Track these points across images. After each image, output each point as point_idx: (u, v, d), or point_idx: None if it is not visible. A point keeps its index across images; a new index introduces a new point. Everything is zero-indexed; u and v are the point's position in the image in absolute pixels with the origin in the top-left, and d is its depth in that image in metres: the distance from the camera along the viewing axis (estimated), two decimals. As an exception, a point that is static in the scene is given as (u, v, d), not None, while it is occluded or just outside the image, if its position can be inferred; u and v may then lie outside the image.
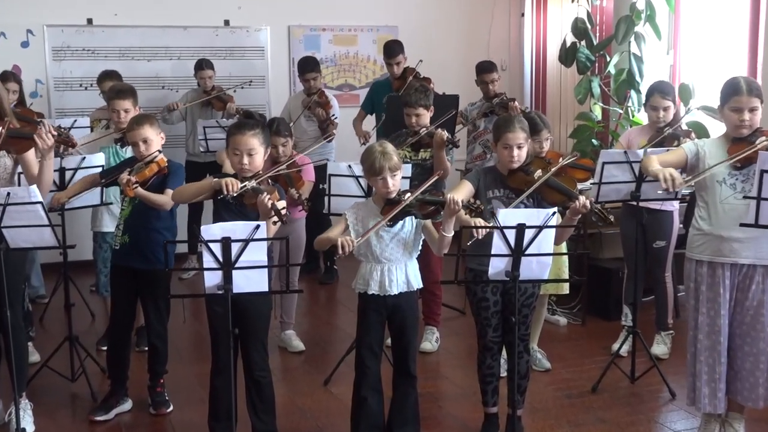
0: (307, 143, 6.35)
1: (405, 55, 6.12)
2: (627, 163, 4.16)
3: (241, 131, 3.41)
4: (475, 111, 5.98)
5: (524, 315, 3.59)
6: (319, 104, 6.19)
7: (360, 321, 3.46)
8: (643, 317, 4.81)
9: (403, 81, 6.01)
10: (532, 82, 7.75)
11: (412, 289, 3.42)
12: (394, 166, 3.29)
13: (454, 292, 5.79)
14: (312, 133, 6.36)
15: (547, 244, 3.19)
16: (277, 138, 4.51)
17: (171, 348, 4.17)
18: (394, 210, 3.24)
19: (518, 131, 3.52)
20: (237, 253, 3.01)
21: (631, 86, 6.19)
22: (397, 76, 6.10)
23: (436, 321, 5.02)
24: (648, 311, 5.09)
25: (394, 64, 6.07)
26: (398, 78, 6.09)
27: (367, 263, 3.40)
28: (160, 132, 3.94)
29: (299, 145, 6.30)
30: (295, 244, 4.73)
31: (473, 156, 6.07)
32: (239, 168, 3.42)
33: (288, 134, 4.60)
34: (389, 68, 6.14)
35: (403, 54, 6.11)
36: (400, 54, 6.09)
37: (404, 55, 6.12)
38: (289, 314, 5.00)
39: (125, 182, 3.70)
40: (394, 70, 6.10)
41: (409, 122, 4.59)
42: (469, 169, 5.99)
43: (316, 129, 6.31)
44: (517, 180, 3.56)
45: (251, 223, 3.06)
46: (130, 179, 3.71)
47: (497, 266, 3.20)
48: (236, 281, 3.05)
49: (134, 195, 3.75)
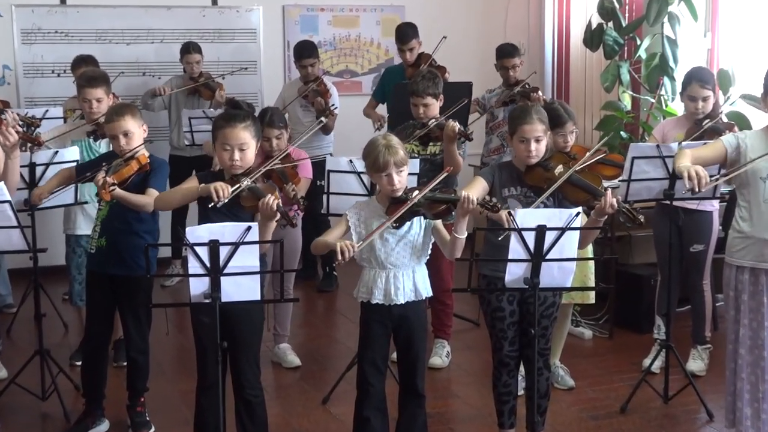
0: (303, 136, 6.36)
1: (419, 39, 6.11)
2: (659, 158, 4.15)
3: (230, 124, 3.40)
4: (494, 99, 5.97)
5: (544, 327, 3.59)
6: (318, 93, 6.18)
7: (362, 333, 3.46)
8: (677, 330, 4.81)
9: (418, 68, 5.98)
10: (554, 67, 7.74)
11: (421, 297, 3.43)
12: (400, 161, 3.30)
13: (466, 302, 5.79)
14: (309, 125, 6.34)
15: (571, 248, 3.19)
16: (271, 130, 4.51)
17: (152, 363, 4.17)
18: (401, 210, 3.25)
19: (536, 123, 3.52)
20: (226, 257, 3.01)
21: (664, 73, 6.19)
22: (411, 63, 6.08)
23: (447, 333, 5.02)
24: (683, 323, 5.09)
25: (407, 50, 6.06)
26: (412, 65, 6.07)
27: (371, 269, 3.40)
28: (143, 124, 3.94)
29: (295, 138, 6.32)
30: (291, 248, 4.73)
31: (490, 149, 6.07)
32: (230, 165, 3.41)
33: (283, 126, 4.60)
34: (402, 55, 6.13)
35: (418, 39, 6.10)
36: (413, 39, 6.07)
37: (419, 39, 6.10)
38: (284, 326, 5.01)
39: (101, 184, 3.68)
40: (407, 56, 6.08)
41: (416, 113, 4.59)
42: (485, 164, 6.00)
43: (313, 120, 6.29)
44: (536, 177, 3.56)
45: (242, 224, 3.06)
46: (107, 180, 3.69)
47: (515, 272, 3.20)
48: (225, 289, 3.05)
49: (109, 198, 3.73)
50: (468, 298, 5.75)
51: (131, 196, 3.78)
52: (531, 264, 3.18)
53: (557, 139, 3.93)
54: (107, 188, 3.67)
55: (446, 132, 4.38)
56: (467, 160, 4.82)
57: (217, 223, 3.09)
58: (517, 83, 5.87)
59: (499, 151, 5.95)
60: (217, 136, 3.45)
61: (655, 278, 5.07)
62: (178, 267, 6.69)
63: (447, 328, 5.02)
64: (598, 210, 3.42)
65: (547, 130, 3.59)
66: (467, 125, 4.94)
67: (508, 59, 5.91)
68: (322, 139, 6.38)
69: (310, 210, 4.46)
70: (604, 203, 3.38)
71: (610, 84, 6.42)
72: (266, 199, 3.23)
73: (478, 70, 7.05)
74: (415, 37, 6.08)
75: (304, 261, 6.63)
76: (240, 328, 3.41)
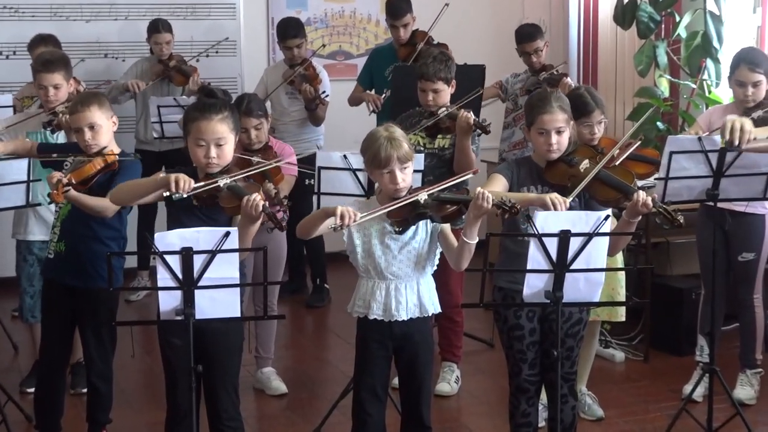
0: (288, 127, 6.37)
1: (414, 14, 6.13)
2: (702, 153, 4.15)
3: (205, 115, 3.41)
4: (518, 85, 5.98)
5: (569, 348, 3.60)
6: (306, 78, 6.18)
7: (358, 355, 3.46)
8: (723, 351, 4.80)
9: (412, 48, 6.01)
10: (579, 48, 7.75)
11: (426, 314, 3.44)
12: (405, 155, 3.31)
13: (479, 319, 5.79)
14: (295, 114, 6.38)
15: (599, 257, 3.20)
16: (249, 119, 4.52)
17: (116, 390, 4.17)
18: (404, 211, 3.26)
19: (556, 111, 3.54)
20: (201, 268, 3.02)
21: (707, 54, 6.19)
22: (404, 42, 6.10)
23: (457, 356, 5.03)
24: (730, 343, 5.09)
25: (401, 27, 6.07)
26: (405, 44, 6.08)
27: (368, 280, 3.41)
28: (112, 115, 3.95)
29: (279, 129, 6.33)
30: (275, 257, 4.74)
31: (512, 143, 6.06)
32: (205, 163, 3.43)
33: (262, 114, 4.61)
34: (394, 32, 6.13)
35: (412, 13, 6.11)
36: (408, 14, 6.08)
37: (413, 14, 6.12)
38: (267, 347, 5.01)
39: (55, 183, 3.68)
40: (400, 34, 6.09)
41: (423, 100, 4.58)
42: (503, 159, 5.98)
43: (300, 109, 6.32)
44: (558, 174, 3.57)
45: (219, 229, 3.07)
46: (62, 180, 3.68)
47: (534, 285, 3.21)
48: (199, 304, 3.06)
49: (62, 201, 3.72)
50: (481, 315, 5.75)
51: (87, 198, 3.78)
52: (553, 275, 3.18)
53: (582, 130, 3.93)
54: (60, 189, 3.66)
55: (459, 124, 4.38)
56: (480, 155, 4.82)
57: (190, 228, 3.10)
58: (544, 69, 5.86)
59: (521, 146, 5.95)
60: (189, 130, 3.45)
61: (697, 291, 5.07)
62: (145, 279, 6.69)
63: (456, 349, 5.02)
64: (631, 210, 3.43)
65: (569, 120, 3.60)
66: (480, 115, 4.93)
67: (529, 43, 5.91)
68: (312, 131, 6.38)
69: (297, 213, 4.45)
70: (636, 201, 3.39)
71: (644, 67, 6.42)
72: (251, 197, 3.23)
73: (490, 51, 7.04)
74: (410, 11, 6.07)
75: (291, 272, 6.65)
76: (216, 350, 3.42)
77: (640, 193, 3.42)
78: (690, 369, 4.91)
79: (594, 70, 7.59)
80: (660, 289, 5.51)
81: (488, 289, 3.29)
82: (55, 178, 3.70)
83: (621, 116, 7.15)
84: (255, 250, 3.32)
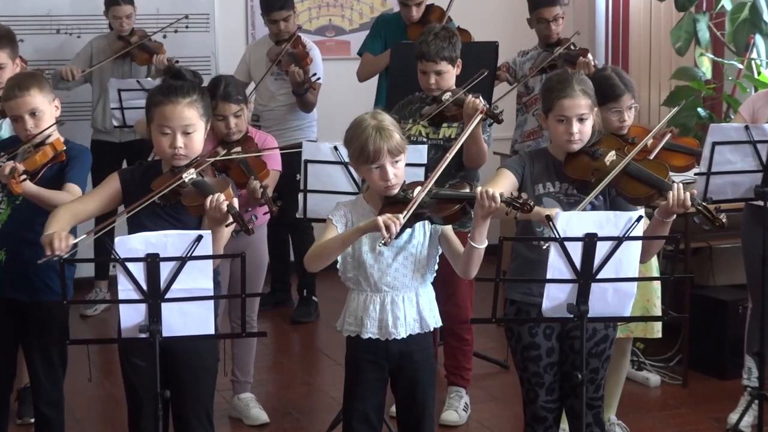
0: (275, 114, 6.36)
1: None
2: (749, 144, 4.16)
3: (171, 99, 3.41)
4: (528, 64, 5.96)
5: (594, 369, 3.60)
6: (294, 58, 6.14)
7: (349, 378, 3.46)
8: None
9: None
10: (608, 22, 7.75)
11: (428, 329, 3.44)
12: (396, 147, 3.32)
13: (491, 336, 5.79)
14: (283, 99, 6.35)
15: (630, 264, 3.20)
16: (227, 105, 4.53)
17: (69, 420, 4.19)
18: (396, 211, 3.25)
19: (578, 96, 3.54)
20: (169, 277, 3.02)
21: (755, 29, 6.19)
22: (416, 20, 6.04)
23: (465, 379, 5.02)
24: (782, 365, 5.10)
25: (413, 6, 6.02)
26: (417, 22, 5.99)
27: (360, 292, 3.42)
28: (54, 99, 3.96)
29: (264, 117, 6.33)
30: (254, 264, 4.73)
31: (524, 132, 6.06)
32: (170, 154, 3.42)
33: (242, 99, 4.62)
34: (405, 11, 6.05)
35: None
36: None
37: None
38: (246, 369, 5.01)
39: (8, 173, 3.68)
40: (412, 13, 6.00)
41: (425, 83, 4.59)
42: (516, 152, 5.95)
43: (288, 93, 6.29)
44: (580, 168, 3.57)
45: (189, 232, 3.06)
46: (17, 168, 3.69)
47: (555, 297, 3.21)
48: (167, 319, 3.05)
49: (21, 192, 3.73)
50: (493, 332, 5.75)
51: (47, 192, 3.79)
52: (577, 285, 3.18)
53: (610, 117, 3.94)
54: (17, 178, 3.67)
55: (466, 111, 4.37)
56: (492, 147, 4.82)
57: (155, 231, 3.10)
58: (559, 43, 5.84)
59: (536, 135, 5.94)
60: (153, 116, 3.46)
61: (744, 305, 5.07)
62: (104, 290, 6.67)
63: (465, 371, 5.01)
64: (665, 208, 3.43)
65: (593, 106, 3.60)
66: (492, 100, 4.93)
67: (546, 8, 5.87)
68: (302, 117, 6.36)
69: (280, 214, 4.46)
70: (672, 199, 3.40)
71: (683, 44, 6.41)
72: (213, 196, 3.24)
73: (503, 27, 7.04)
74: None
75: (274, 282, 6.66)
76: (187, 373, 3.42)
77: (675, 188, 3.42)
78: (736, 394, 4.91)
79: (624, 48, 7.59)
80: (701, 301, 5.50)
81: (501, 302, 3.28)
82: (8, 167, 3.70)
83: (655, 101, 7.17)
84: (232, 256, 3.32)
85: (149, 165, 3.58)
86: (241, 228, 3.31)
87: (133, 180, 3.50)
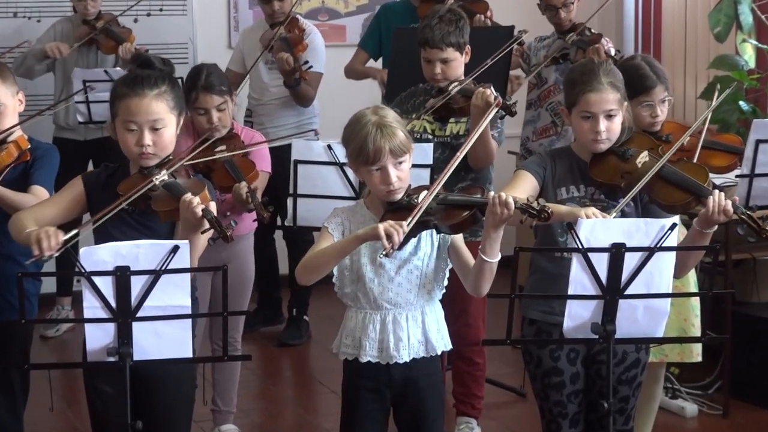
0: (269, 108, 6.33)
1: None
2: (798, 142, 4.17)
3: (137, 91, 3.41)
4: (543, 52, 5.97)
5: (623, 398, 3.60)
6: (287, 42, 6.09)
7: (346, 408, 3.46)
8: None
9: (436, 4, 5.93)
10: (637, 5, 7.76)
11: (435, 352, 3.44)
12: (399, 147, 3.31)
13: (506, 361, 5.78)
14: (277, 91, 6.32)
15: (663, 278, 3.20)
16: (209, 97, 4.55)
17: (29, 453, 4.17)
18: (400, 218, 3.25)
19: (606, 89, 3.54)
20: (141, 292, 3.01)
21: (806, 12, 6.21)
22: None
23: (477, 409, 5.02)
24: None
25: None
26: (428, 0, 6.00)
27: (358, 310, 3.42)
28: (18, 91, 3.97)
29: (257, 112, 6.32)
30: (239, 278, 4.75)
31: (537, 129, 6.06)
32: (138, 153, 3.41)
33: (226, 90, 4.62)
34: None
35: None
36: None
37: None
38: (228, 398, 5.00)
39: None
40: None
41: (429, 73, 4.60)
42: (529, 151, 5.98)
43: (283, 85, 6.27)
44: (607, 170, 3.57)
45: (164, 242, 3.06)
46: None
47: (578, 315, 3.21)
48: (139, 341, 3.04)
49: None
50: (508, 355, 5.74)
51: (12, 194, 3.79)
52: (602, 302, 3.18)
53: (640, 112, 3.94)
54: None
55: (476, 103, 4.36)
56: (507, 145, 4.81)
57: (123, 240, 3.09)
58: (574, 29, 5.83)
59: (549, 133, 5.94)
60: (117, 111, 3.45)
61: (792, 325, 5.07)
62: (67, 308, 6.67)
63: (476, 400, 5.01)
64: (704, 217, 3.42)
65: (623, 101, 3.60)
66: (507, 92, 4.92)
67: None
68: (300, 113, 6.32)
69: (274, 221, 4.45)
70: (711, 207, 3.39)
71: (722, 29, 6.42)
72: (185, 197, 3.23)
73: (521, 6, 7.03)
74: None
75: (262, 299, 6.64)
76: (161, 401, 3.41)
77: (716, 195, 3.41)
78: (783, 426, 4.93)
79: (656, 34, 7.61)
80: (743, 320, 5.48)
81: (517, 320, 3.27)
82: None
83: (691, 94, 7.17)
84: (213, 269, 3.31)
85: (116, 167, 3.56)
86: (218, 235, 3.29)
87: (97, 184, 3.50)
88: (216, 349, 4.62)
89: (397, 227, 3.14)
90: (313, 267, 3.34)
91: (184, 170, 3.52)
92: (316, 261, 3.33)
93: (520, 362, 4.96)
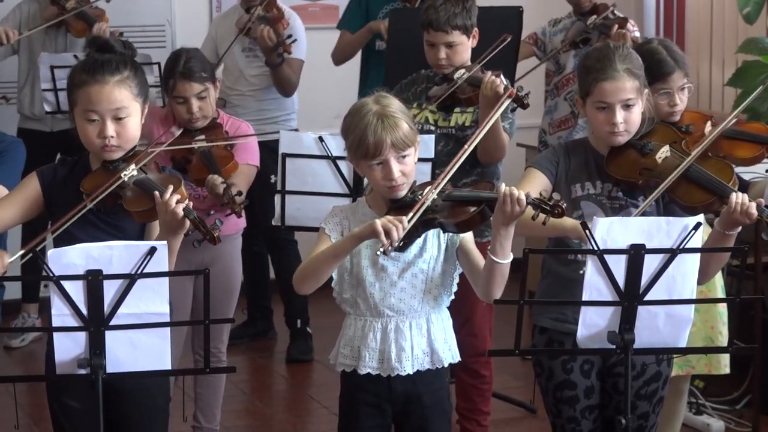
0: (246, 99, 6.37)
1: None
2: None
3: (96, 78, 3.39)
4: (560, 36, 5.96)
5: (643, 414, 3.62)
6: (266, 20, 6.09)
7: (344, 426, 3.48)
8: None
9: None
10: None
11: (441, 364, 3.45)
12: (402, 139, 3.31)
13: (514, 373, 5.82)
14: (255, 81, 6.37)
15: (686, 283, 3.20)
16: (188, 84, 4.56)
17: (-7, 474, 4.14)
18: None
19: (622, 77, 3.55)
20: (114, 299, 3.00)
21: None
22: None
23: (483, 425, 5.03)
24: None
25: None
26: None
27: (357, 317, 3.42)
28: None
29: (231, 102, 6.30)
30: (224, 283, 4.77)
31: (555, 121, 6.11)
32: (100, 146, 3.39)
33: (207, 77, 4.63)
34: None
35: None
36: None
37: None
38: (211, 414, 5.01)
39: None
40: None
41: (433, 58, 4.61)
42: (546, 144, 5.99)
43: (261, 75, 6.31)
44: (625, 165, 3.57)
45: (140, 244, 3.07)
46: None
47: (593, 323, 3.21)
48: (112, 352, 3.04)
49: None
50: (517, 367, 5.77)
51: None
52: (620, 309, 3.16)
53: (658, 101, 3.92)
54: None
55: (484, 93, 4.37)
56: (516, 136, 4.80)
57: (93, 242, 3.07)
58: (595, 11, 5.85)
59: (568, 124, 5.97)
60: (76, 100, 3.42)
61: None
62: (33, 316, 6.70)
63: (482, 416, 5.02)
64: (726, 218, 3.43)
65: (642, 89, 3.60)
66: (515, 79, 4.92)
67: None
68: (279, 106, 6.37)
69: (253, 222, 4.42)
70: (732, 206, 3.40)
71: (752, 10, 6.42)
72: (162, 197, 3.21)
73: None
74: None
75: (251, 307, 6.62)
76: (135, 418, 3.40)
77: (738, 196, 3.41)
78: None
79: (680, 16, 7.66)
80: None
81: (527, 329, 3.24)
82: None
83: (718, 80, 7.20)
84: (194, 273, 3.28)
85: (74, 161, 3.54)
86: (204, 236, 3.27)
87: (55, 181, 3.48)
88: (198, 360, 4.61)
89: (396, 222, 3.13)
90: (310, 273, 3.34)
91: (153, 164, 3.49)
92: (313, 266, 3.33)
93: (529, 375, 4.99)
